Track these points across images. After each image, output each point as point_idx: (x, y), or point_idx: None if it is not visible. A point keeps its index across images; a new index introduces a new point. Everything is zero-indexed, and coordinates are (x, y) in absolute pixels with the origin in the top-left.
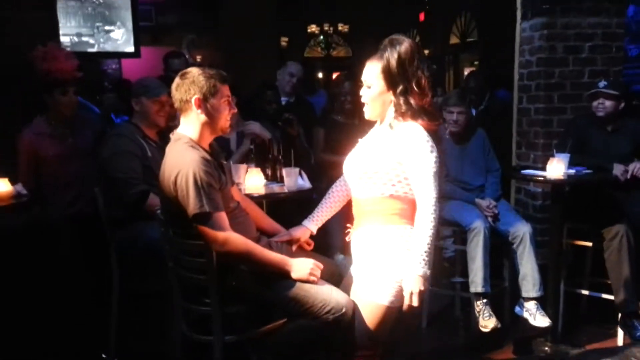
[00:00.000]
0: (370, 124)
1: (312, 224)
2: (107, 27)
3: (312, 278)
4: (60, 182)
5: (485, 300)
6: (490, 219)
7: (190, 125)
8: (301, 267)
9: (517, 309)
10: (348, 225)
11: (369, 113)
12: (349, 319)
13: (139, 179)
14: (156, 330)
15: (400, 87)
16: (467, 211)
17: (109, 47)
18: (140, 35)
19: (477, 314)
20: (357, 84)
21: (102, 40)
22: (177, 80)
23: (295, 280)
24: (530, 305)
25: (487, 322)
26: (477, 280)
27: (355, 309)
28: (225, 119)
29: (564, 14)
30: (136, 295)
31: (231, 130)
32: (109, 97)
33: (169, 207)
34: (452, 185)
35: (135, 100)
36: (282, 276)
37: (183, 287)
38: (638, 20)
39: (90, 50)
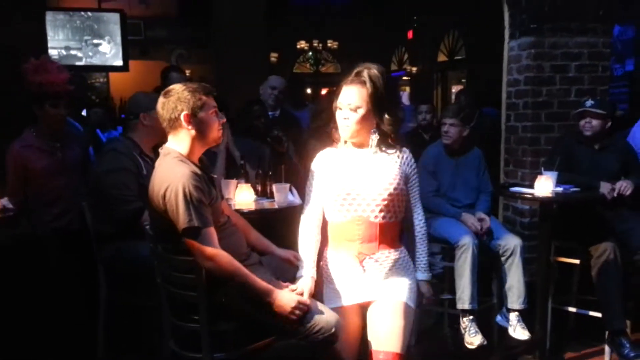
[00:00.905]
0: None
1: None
2: (95, 41)
3: (292, 317)
4: (48, 196)
5: (471, 317)
6: (479, 234)
7: (180, 141)
8: (285, 302)
9: (498, 318)
10: (361, 252)
11: (350, 134)
12: (338, 339)
13: (134, 195)
14: (144, 346)
15: (386, 113)
16: (455, 227)
17: (97, 61)
18: (129, 49)
19: (463, 331)
20: None
21: (90, 53)
22: (161, 99)
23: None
24: (513, 317)
25: (473, 339)
26: (464, 297)
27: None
28: (216, 129)
29: (552, 33)
30: (124, 311)
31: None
32: (96, 111)
33: (158, 222)
34: (441, 200)
35: (145, 115)
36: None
37: (172, 303)
38: (623, 40)
39: (78, 63)
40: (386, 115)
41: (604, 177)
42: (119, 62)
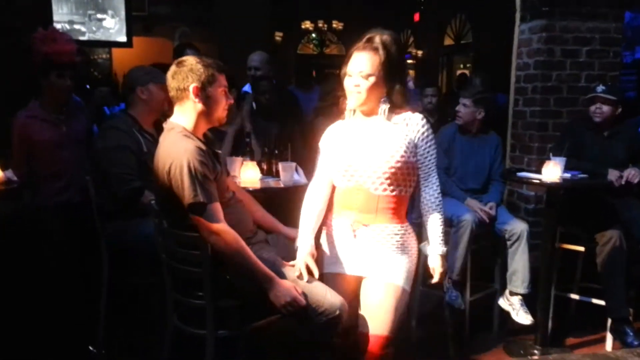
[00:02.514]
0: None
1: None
2: (99, 15)
3: (284, 311)
4: (52, 169)
5: (453, 285)
6: (483, 217)
7: (186, 114)
8: (281, 294)
9: (500, 300)
10: (356, 221)
11: (360, 102)
12: (342, 321)
13: (134, 174)
14: (146, 323)
15: (397, 81)
16: (458, 207)
17: (100, 36)
18: (132, 25)
19: (445, 292)
20: None
21: (94, 28)
22: (173, 68)
23: (290, 279)
24: (515, 300)
25: (454, 302)
26: (453, 268)
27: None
28: (222, 108)
29: (563, 17)
30: (126, 288)
31: (229, 124)
32: (102, 90)
33: (163, 197)
34: (449, 180)
35: (142, 88)
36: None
37: (176, 280)
38: (633, 27)
39: (81, 38)
40: (397, 85)
41: (611, 164)
42: (122, 38)
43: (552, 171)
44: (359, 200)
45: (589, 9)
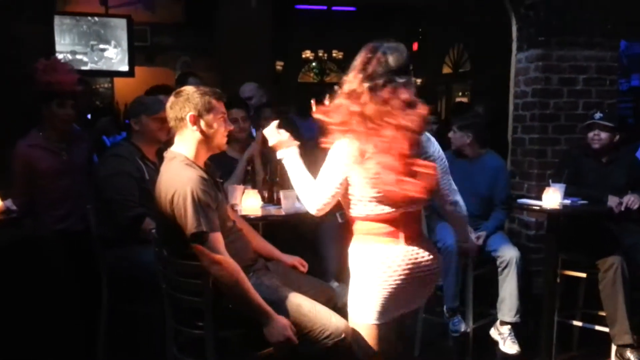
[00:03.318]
0: None
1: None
2: (101, 46)
3: (274, 347)
4: (52, 197)
5: (452, 313)
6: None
7: (186, 143)
8: (277, 331)
9: (491, 330)
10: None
11: None
12: (348, 345)
13: (136, 201)
14: (145, 354)
15: None
16: (446, 231)
17: (102, 66)
18: (134, 55)
19: (447, 320)
20: None
21: (96, 58)
22: (171, 98)
23: (294, 305)
24: (504, 330)
25: (457, 326)
26: (448, 296)
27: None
28: (221, 135)
29: (560, 46)
30: (125, 317)
31: (237, 152)
32: (103, 120)
33: (165, 226)
34: None
35: (135, 120)
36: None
37: (176, 309)
38: (629, 55)
39: (83, 68)
40: None
41: (610, 190)
42: (124, 68)
43: (552, 198)
44: None
45: (585, 38)
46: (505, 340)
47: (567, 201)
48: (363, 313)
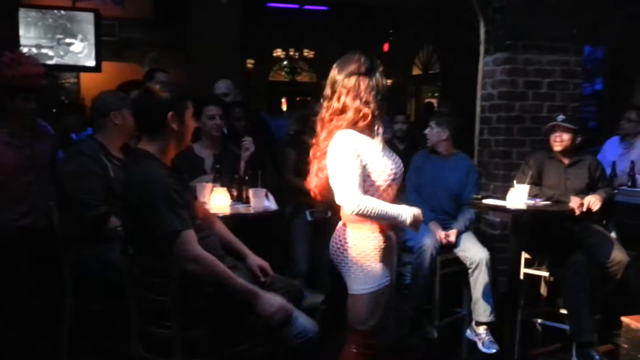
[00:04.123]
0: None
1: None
2: (67, 40)
3: (274, 320)
4: (15, 193)
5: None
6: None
7: (155, 141)
8: (270, 303)
9: (467, 332)
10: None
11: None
12: (316, 344)
13: (100, 200)
14: (111, 352)
15: None
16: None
17: (69, 60)
18: (102, 50)
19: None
20: None
21: (62, 52)
22: (141, 95)
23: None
24: (481, 330)
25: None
26: (416, 295)
27: None
28: (190, 133)
29: (525, 50)
30: (90, 316)
31: (208, 150)
32: (71, 118)
33: (132, 225)
34: (418, 200)
35: (116, 113)
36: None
37: (142, 307)
38: (592, 60)
39: (49, 62)
40: None
41: (573, 191)
42: (91, 63)
43: (516, 198)
44: None
45: (550, 42)
46: (482, 340)
47: (531, 201)
48: (365, 283)
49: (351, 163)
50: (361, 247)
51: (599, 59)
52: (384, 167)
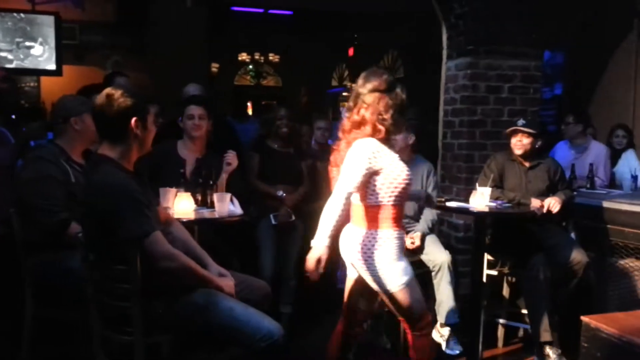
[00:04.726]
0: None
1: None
2: (27, 43)
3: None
4: None
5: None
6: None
7: (116, 147)
8: (230, 286)
9: (434, 333)
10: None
11: None
12: (281, 346)
13: (60, 206)
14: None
15: None
16: None
17: (28, 64)
18: (62, 54)
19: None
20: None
21: (22, 56)
22: (102, 101)
23: (227, 308)
24: (445, 332)
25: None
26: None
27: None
28: (152, 138)
29: (487, 55)
30: (51, 323)
31: (191, 153)
32: (33, 125)
33: (94, 231)
34: None
35: (76, 119)
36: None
37: (103, 314)
38: (552, 65)
39: (8, 66)
40: None
41: (533, 193)
42: (51, 66)
43: (479, 200)
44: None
45: (511, 48)
46: (447, 341)
47: (493, 204)
48: (403, 276)
49: (359, 168)
50: (391, 245)
51: (558, 64)
52: (401, 170)
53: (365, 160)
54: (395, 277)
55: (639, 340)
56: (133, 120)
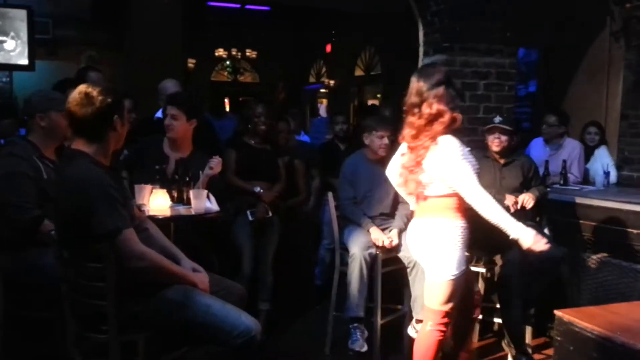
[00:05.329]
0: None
1: None
2: None
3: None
4: None
5: (356, 325)
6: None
7: (93, 143)
8: (205, 283)
9: (409, 329)
10: None
11: None
12: (258, 343)
13: (33, 203)
14: (47, 359)
15: None
16: (356, 237)
17: (0, 59)
18: (35, 48)
19: (349, 336)
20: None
21: None
22: (77, 97)
23: (203, 305)
24: (420, 327)
25: (354, 345)
26: (350, 305)
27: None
28: (124, 133)
29: (463, 52)
30: (25, 322)
31: (172, 152)
32: (5, 123)
33: (68, 227)
34: (356, 209)
35: (42, 115)
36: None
37: (78, 313)
38: (527, 62)
39: None
40: None
41: (507, 190)
42: (24, 61)
43: None
44: None
45: (486, 45)
46: None
47: None
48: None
49: (467, 163)
50: (449, 235)
51: (532, 62)
52: (475, 165)
53: (464, 154)
54: (445, 266)
55: (611, 334)
56: (115, 118)
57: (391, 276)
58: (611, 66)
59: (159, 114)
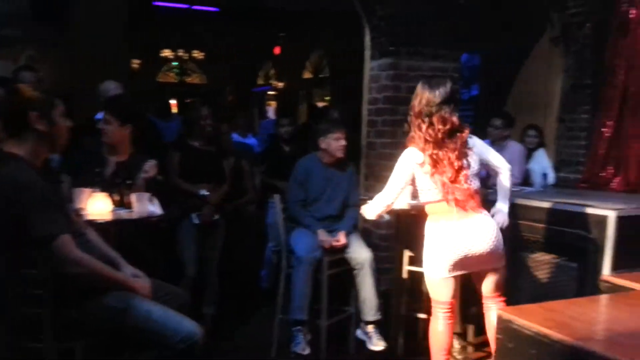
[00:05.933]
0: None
1: None
2: None
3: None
4: None
5: (299, 328)
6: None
7: (22, 143)
8: (145, 288)
9: (358, 331)
10: None
11: None
12: (201, 347)
13: None
14: None
15: None
16: (303, 240)
17: None
18: None
19: (292, 339)
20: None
21: None
22: (6, 96)
23: (144, 311)
24: (369, 329)
25: (296, 348)
26: (293, 307)
27: None
28: (65, 134)
29: (408, 57)
30: None
31: (111, 156)
32: None
33: (2, 231)
34: (303, 211)
35: None
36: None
37: (13, 320)
38: (469, 67)
39: None
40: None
41: None
42: None
43: (400, 198)
44: None
45: (431, 50)
46: (371, 338)
47: (414, 201)
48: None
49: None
50: (431, 235)
51: (475, 66)
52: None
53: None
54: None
55: (548, 331)
56: (33, 114)
57: (338, 277)
58: (550, 71)
59: (100, 115)
